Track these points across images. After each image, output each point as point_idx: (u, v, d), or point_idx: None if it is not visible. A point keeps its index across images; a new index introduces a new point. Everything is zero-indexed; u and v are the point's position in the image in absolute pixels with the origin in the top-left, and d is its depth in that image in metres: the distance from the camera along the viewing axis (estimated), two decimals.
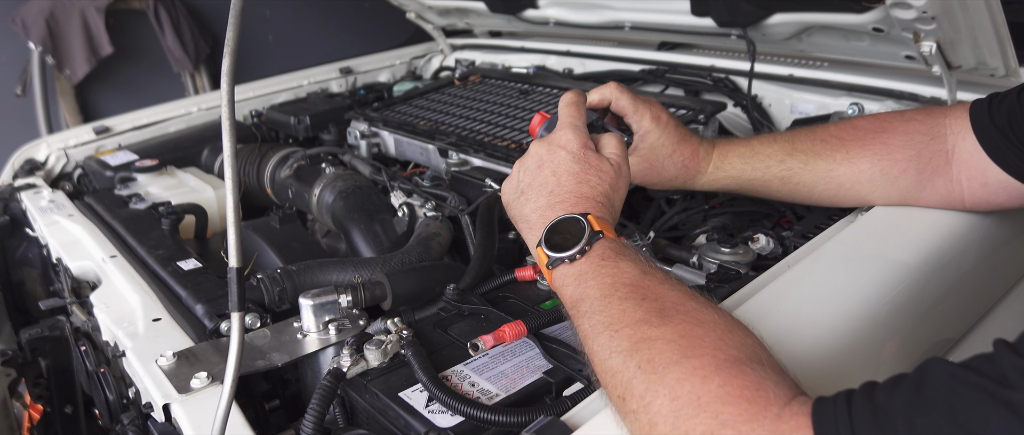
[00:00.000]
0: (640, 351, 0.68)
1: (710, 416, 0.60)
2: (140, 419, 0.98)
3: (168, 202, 1.59)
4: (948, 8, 1.19)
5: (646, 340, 0.68)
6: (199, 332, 1.08)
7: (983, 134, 0.95)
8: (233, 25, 0.72)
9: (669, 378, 0.64)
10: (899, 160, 1.02)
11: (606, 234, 0.83)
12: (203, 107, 2.22)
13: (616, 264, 0.79)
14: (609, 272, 0.78)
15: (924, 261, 0.97)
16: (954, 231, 1.03)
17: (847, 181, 1.05)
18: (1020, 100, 0.91)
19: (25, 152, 1.98)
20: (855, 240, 1.01)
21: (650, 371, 0.66)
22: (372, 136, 1.87)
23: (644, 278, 0.77)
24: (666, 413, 0.63)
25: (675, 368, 0.64)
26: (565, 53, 2.27)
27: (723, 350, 0.65)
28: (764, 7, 1.60)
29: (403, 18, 2.56)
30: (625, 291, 0.75)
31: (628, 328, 0.70)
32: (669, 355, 0.66)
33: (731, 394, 0.61)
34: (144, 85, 4.20)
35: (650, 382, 0.65)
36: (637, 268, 0.78)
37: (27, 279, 1.80)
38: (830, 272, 0.95)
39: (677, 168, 1.12)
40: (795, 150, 1.08)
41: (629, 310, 0.72)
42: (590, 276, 0.79)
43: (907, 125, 1.02)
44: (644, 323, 0.70)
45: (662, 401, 0.63)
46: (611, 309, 0.74)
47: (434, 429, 0.80)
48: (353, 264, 1.22)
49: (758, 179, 1.10)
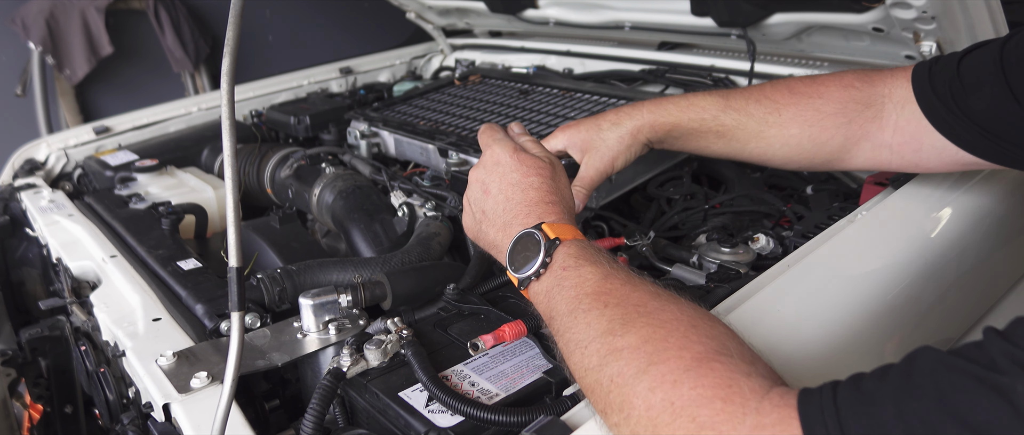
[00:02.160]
0: (609, 365, 0.68)
1: (687, 420, 0.60)
2: (140, 419, 0.98)
3: (168, 202, 1.59)
4: (948, 8, 1.19)
5: (613, 352, 0.68)
6: (199, 332, 1.08)
7: (927, 106, 0.96)
8: (233, 25, 0.72)
9: (640, 388, 0.64)
10: (829, 127, 1.03)
11: (563, 237, 0.84)
12: (203, 107, 2.21)
13: (578, 272, 0.80)
14: (571, 283, 0.79)
15: (924, 260, 0.97)
16: (954, 231, 1.03)
17: (777, 142, 1.07)
18: (960, 71, 0.92)
19: (25, 152, 1.98)
20: (855, 240, 1.01)
21: (622, 383, 0.66)
22: (372, 136, 1.87)
23: (605, 283, 0.77)
24: (645, 423, 0.62)
25: (644, 377, 0.64)
26: (565, 53, 2.27)
27: (688, 348, 0.65)
28: (764, 7, 1.60)
29: (403, 18, 2.56)
30: (588, 302, 0.75)
31: (595, 342, 0.71)
32: (636, 364, 0.65)
33: (703, 396, 0.60)
34: (144, 85, 4.20)
35: (624, 395, 0.65)
36: (598, 272, 0.79)
37: (27, 279, 1.80)
38: (830, 272, 0.95)
39: (615, 129, 1.11)
40: (729, 106, 1.09)
41: (593, 323, 0.73)
42: (555, 291, 0.80)
43: (843, 92, 1.03)
44: (609, 334, 0.70)
45: (639, 413, 0.63)
46: (577, 325, 0.74)
47: (434, 429, 0.80)
48: (353, 264, 1.22)
49: (696, 129, 1.10)
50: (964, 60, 0.92)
